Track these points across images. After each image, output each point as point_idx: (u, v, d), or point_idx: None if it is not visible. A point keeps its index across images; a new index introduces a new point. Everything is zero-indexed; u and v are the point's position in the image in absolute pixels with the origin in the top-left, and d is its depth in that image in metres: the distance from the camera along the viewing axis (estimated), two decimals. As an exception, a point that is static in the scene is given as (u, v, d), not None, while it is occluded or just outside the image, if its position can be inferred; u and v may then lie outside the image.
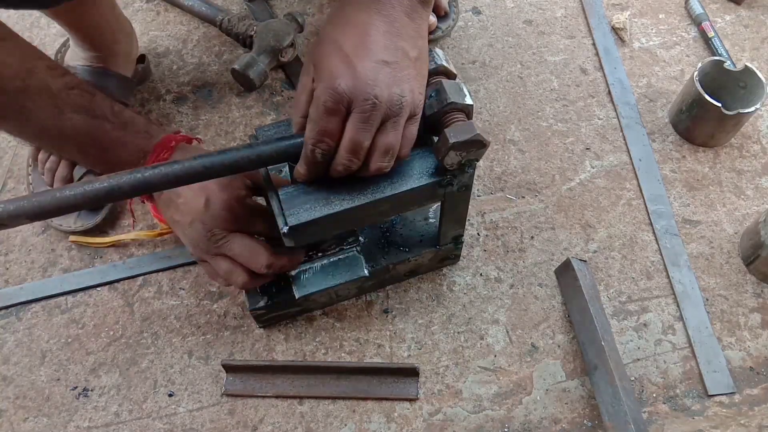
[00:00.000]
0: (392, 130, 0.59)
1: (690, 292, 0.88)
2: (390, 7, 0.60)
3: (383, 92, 0.57)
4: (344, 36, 0.58)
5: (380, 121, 0.59)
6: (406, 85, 0.59)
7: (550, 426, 0.79)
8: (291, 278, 0.78)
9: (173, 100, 1.04)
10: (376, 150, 0.60)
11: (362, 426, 0.79)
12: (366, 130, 0.58)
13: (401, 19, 0.60)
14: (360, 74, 0.56)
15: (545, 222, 0.94)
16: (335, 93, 0.56)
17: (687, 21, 1.14)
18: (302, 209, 0.64)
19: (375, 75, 0.57)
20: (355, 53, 0.57)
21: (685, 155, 1.00)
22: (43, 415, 0.80)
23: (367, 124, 0.58)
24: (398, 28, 0.60)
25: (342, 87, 0.56)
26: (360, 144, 0.59)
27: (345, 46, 0.58)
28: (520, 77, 1.07)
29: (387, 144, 0.60)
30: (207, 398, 0.81)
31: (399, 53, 0.59)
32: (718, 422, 0.78)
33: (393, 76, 0.58)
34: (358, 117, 0.57)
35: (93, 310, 0.87)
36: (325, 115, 0.57)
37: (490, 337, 0.85)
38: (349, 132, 0.58)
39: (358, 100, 0.57)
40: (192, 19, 1.12)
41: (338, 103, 0.57)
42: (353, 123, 0.58)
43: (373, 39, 0.58)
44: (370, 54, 0.58)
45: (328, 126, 0.58)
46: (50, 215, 0.56)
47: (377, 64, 0.57)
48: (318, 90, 0.58)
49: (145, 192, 0.58)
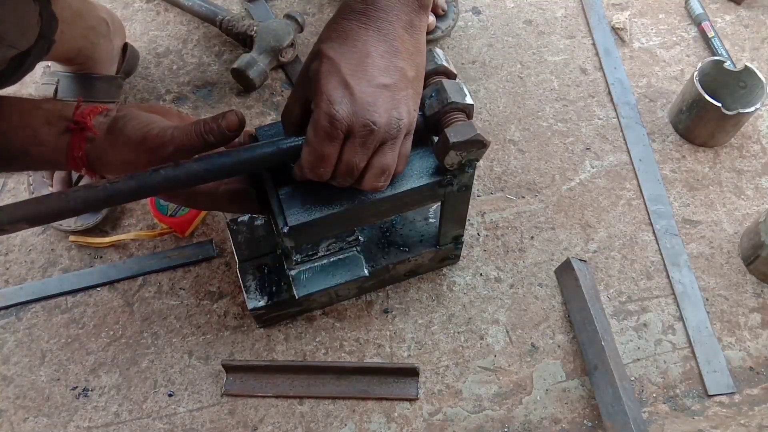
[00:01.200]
0: (389, 151, 0.60)
1: (690, 292, 0.88)
2: (388, 23, 0.59)
3: (382, 117, 0.57)
4: (343, 57, 0.58)
5: (378, 144, 0.59)
6: (403, 107, 0.59)
7: (550, 426, 0.79)
8: (291, 278, 0.78)
9: (173, 100, 1.04)
10: (373, 171, 0.60)
11: (362, 426, 0.79)
12: (363, 153, 0.58)
13: (400, 36, 0.60)
14: (359, 100, 0.56)
15: (545, 222, 0.94)
16: (334, 119, 0.56)
17: (687, 21, 1.14)
18: (302, 209, 0.64)
19: (374, 100, 0.57)
20: (354, 76, 0.57)
21: (685, 155, 1.00)
22: (43, 415, 0.80)
23: (364, 149, 0.58)
24: (397, 47, 0.59)
25: (341, 114, 0.56)
26: (355, 167, 0.59)
27: (343, 69, 0.57)
28: (520, 77, 1.07)
29: (384, 165, 0.60)
30: (207, 398, 0.81)
31: (397, 74, 0.59)
32: (718, 422, 0.78)
33: (391, 100, 0.58)
34: (356, 142, 0.58)
35: (93, 310, 0.87)
36: (323, 140, 0.57)
37: (490, 337, 0.85)
38: (346, 155, 0.58)
39: (357, 126, 0.57)
40: (192, 19, 1.12)
41: (337, 129, 0.56)
42: (351, 148, 0.58)
43: (372, 61, 0.58)
44: (369, 78, 0.57)
45: (325, 151, 0.58)
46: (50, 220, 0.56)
47: (376, 88, 0.57)
48: (316, 114, 0.57)
49: (145, 196, 0.58)
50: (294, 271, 0.78)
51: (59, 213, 0.56)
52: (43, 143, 0.63)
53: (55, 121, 0.63)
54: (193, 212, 0.90)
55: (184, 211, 0.89)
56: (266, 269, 0.82)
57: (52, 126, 0.63)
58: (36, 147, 0.63)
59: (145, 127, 0.62)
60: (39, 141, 0.63)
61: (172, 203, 0.88)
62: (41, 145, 0.63)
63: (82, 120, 0.63)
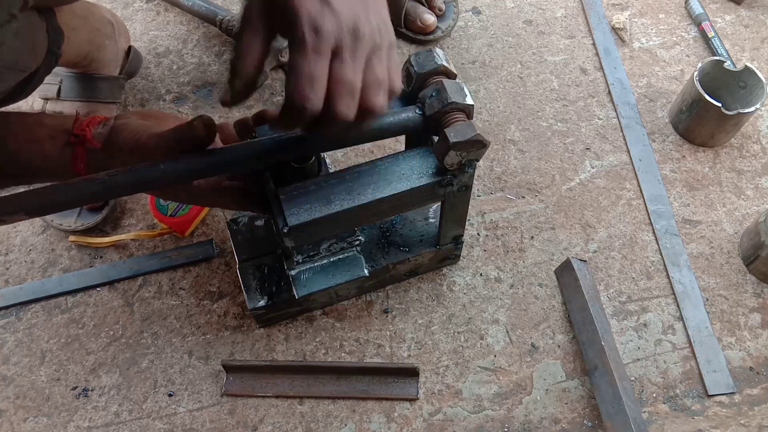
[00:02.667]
0: (378, 63, 0.56)
1: (690, 292, 0.88)
2: None
3: (365, 26, 0.54)
4: None
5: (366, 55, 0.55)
6: (383, 12, 0.57)
7: (550, 426, 0.79)
8: (291, 278, 0.78)
9: (173, 100, 1.04)
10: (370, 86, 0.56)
11: (362, 426, 0.79)
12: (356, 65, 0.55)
13: None
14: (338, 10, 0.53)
15: (545, 222, 0.94)
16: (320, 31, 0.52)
17: (687, 21, 1.14)
18: (302, 209, 0.64)
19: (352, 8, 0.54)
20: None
21: (685, 155, 1.00)
22: (43, 415, 0.80)
23: (355, 60, 0.54)
24: None
25: (327, 26, 0.52)
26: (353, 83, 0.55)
27: None
28: (520, 77, 1.07)
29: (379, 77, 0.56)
30: (207, 398, 0.81)
31: None
32: (718, 422, 0.78)
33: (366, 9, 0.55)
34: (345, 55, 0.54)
35: (93, 310, 0.87)
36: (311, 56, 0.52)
37: (490, 337, 0.85)
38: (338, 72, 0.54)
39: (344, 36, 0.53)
40: (192, 19, 1.12)
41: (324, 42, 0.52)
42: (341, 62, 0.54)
43: None
44: None
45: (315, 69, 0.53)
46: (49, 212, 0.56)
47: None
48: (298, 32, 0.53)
49: (144, 190, 0.58)
50: (294, 271, 0.78)
51: (58, 204, 0.56)
52: (47, 157, 0.64)
53: (57, 135, 0.64)
54: (193, 212, 0.90)
55: (184, 211, 0.89)
56: (266, 269, 0.82)
57: (55, 140, 0.64)
58: (41, 161, 0.64)
59: (135, 136, 0.63)
60: (44, 155, 0.64)
61: (174, 202, 0.88)
62: (46, 159, 0.64)
63: (81, 133, 0.64)
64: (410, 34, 1.09)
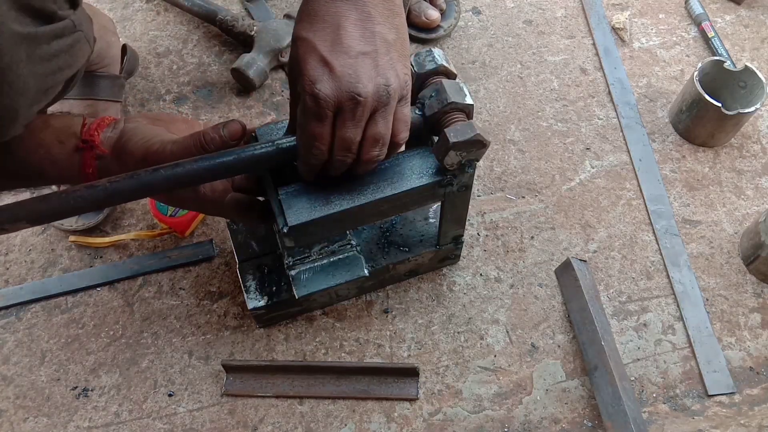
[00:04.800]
0: (381, 119, 0.58)
1: (690, 292, 0.88)
2: None
3: (367, 87, 0.56)
4: (316, 35, 0.56)
5: (369, 115, 0.57)
6: (390, 72, 0.57)
7: (550, 426, 0.79)
8: (291, 278, 0.78)
9: (173, 100, 1.04)
10: (367, 142, 0.59)
11: (362, 426, 0.79)
12: (355, 127, 0.57)
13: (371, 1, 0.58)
14: (340, 74, 0.55)
15: (545, 222, 0.94)
16: (318, 98, 0.55)
17: (687, 21, 1.14)
18: (302, 209, 0.64)
19: (355, 71, 0.55)
20: (331, 51, 0.56)
21: (685, 155, 1.00)
22: (43, 415, 0.80)
23: (355, 122, 0.57)
24: (369, 11, 0.57)
25: (324, 92, 0.55)
26: (351, 141, 0.58)
27: (319, 46, 0.56)
28: (520, 77, 1.07)
29: (376, 134, 0.59)
30: (207, 398, 0.81)
31: (376, 40, 0.57)
32: (718, 422, 0.78)
33: (374, 67, 0.56)
34: (345, 117, 0.57)
35: (93, 310, 0.87)
36: (312, 121, 0.57)
37: (490, 337, 0.85)
38: (339, 132, 0.57)
39: (344, 100, 0.56)
40: (192, 19, 1.12)
41: (323, 108, 0.56)
42: (342, 123, 0.57)
43: (346, 32, 0.56)
44: (346, 49, 0.56)
45: (316, 131, 0.57)
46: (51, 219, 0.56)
47: (356, 58, 0.56)
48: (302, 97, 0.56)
49: (146, 195, 0.58)
50: (294, 271, 0.78)
51: (60, 212, 0.56)
52: (56, 162, 0.64)
53: (65, 139, 0.64)
54: (192, 212, 0.90)
55: (184, 211, 0.89)
56: (266, 269, 0.82)
57: (63, 144, 0.64)
58: (50, 165, 0.65)
59: (147, 143, 0.63)
60: (53, 160, 0.64)
61: (182, 209, 0.88)
62: (55, 164, 0.64)
63: (90, 138, 0.64)
64: (413, 31, 1.09)
